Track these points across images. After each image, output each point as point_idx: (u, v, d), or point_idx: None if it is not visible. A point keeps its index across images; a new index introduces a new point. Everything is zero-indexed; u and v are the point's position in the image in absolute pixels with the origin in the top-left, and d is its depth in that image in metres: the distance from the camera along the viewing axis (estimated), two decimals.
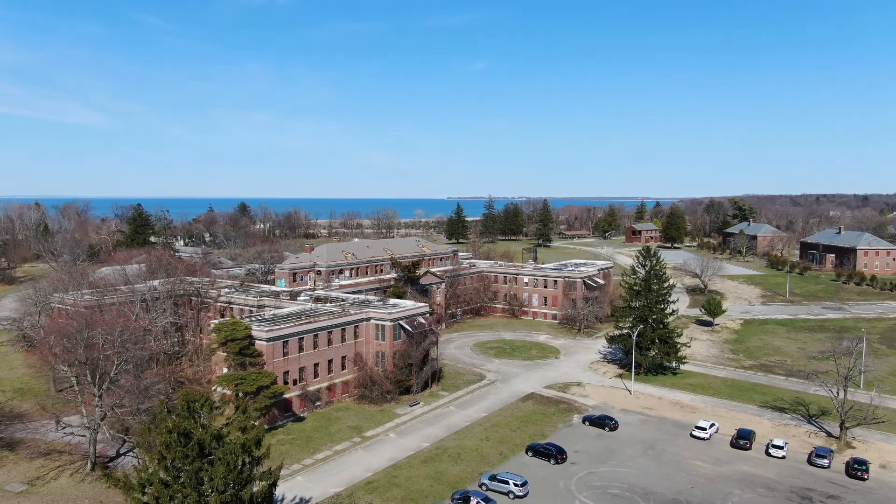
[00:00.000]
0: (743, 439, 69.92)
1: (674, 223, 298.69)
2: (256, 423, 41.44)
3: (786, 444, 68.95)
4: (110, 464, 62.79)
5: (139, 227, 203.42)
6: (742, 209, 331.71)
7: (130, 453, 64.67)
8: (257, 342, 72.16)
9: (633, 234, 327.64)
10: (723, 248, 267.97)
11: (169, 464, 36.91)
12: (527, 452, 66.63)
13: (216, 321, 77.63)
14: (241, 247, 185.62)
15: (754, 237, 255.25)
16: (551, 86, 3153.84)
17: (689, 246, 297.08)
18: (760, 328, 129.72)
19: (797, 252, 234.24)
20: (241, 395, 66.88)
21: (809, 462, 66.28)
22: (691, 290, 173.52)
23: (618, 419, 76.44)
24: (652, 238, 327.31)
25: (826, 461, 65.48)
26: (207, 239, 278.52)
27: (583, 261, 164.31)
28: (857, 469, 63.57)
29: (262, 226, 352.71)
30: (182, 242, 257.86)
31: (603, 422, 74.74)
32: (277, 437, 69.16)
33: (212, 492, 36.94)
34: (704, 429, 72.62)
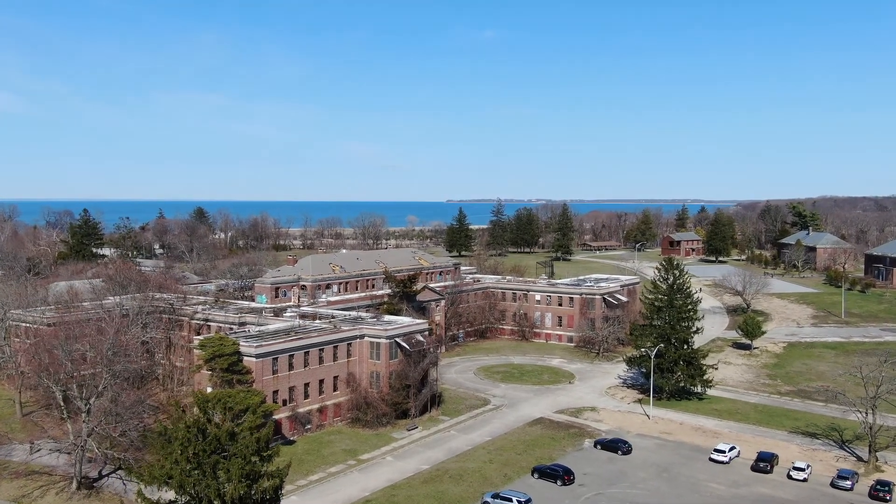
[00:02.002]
0: (763, 462, 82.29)
1: (719, 232, 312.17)
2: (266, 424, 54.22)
3: (808, 466, 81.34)
4: (95, 483, 75.24)
5: (85, 236, 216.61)
6: (802, 215, 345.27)
7: (114, 474, 77.06)
8: (245, 358, 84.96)
9: (671, 246, 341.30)
10: (776, 261, 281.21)
11: (190, 456, 49.53)
12: (532, 474, 79.06)
13: (199, 338, 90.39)
14: (208, 259, 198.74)
15: (813, 249, 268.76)
16: (576, 63, 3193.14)
17: (738, 259, 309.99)
18: (805, 352, 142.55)
19: (863, 266, 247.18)
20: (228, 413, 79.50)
21: (832, 485, 78.60)
22: (733, 310, 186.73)
23: (633, 444, 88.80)
24: (693, 250, 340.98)
25: (849, 483, 77.86)
26: (159, 251, 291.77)
27: (604, 276, 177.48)
28: (879, 491, 75.95)
29: (222, 235, 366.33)
30: (114, 255, 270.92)
31: (615, 445, 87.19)
32: None
33: (228, 483, 49.55)
34: (724, 452, 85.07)
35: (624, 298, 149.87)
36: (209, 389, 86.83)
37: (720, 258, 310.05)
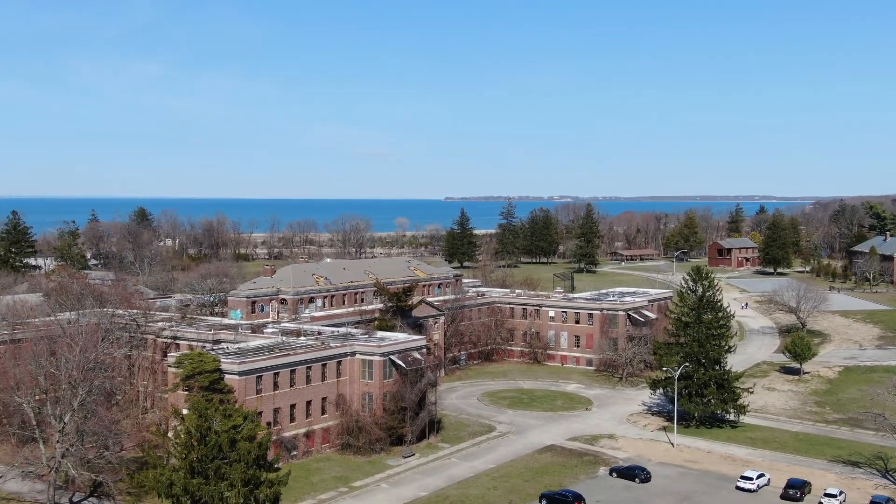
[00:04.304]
0: (793, 489, 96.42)
1: (777, 238, 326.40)
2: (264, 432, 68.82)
3: (841, 493, 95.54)
4: None
5: (14, 243, 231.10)
6: (881, 217, 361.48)
7: (87, 500, 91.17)
8: (227, 376, 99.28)
9: (720, 255, 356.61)
10: (846, 273, 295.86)
11: (194, 461, 63.95)
12: (540, 501, 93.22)
13: (174, 355, 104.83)
14: (163, 271, 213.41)
15: (890, 258, 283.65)
16: (609, 23, 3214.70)
17: (801, 271, 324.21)
18: (863, 377, 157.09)
19: None
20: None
21: None
22: (786, 331, 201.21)
23: (652, 472, 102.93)
24: (747, 260, 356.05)
25: None
26: (93, 262, 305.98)
27: (630, 289, 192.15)
28: None
29: (169, 241, 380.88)
30: (51, 265, 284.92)
31: (633, 473, 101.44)
32: None
33: (230, 489, 63.95)
34: (751, 479, 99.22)
35: (652, 315, 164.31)
36: (185, 412, 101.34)
37: (779, 269, 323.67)
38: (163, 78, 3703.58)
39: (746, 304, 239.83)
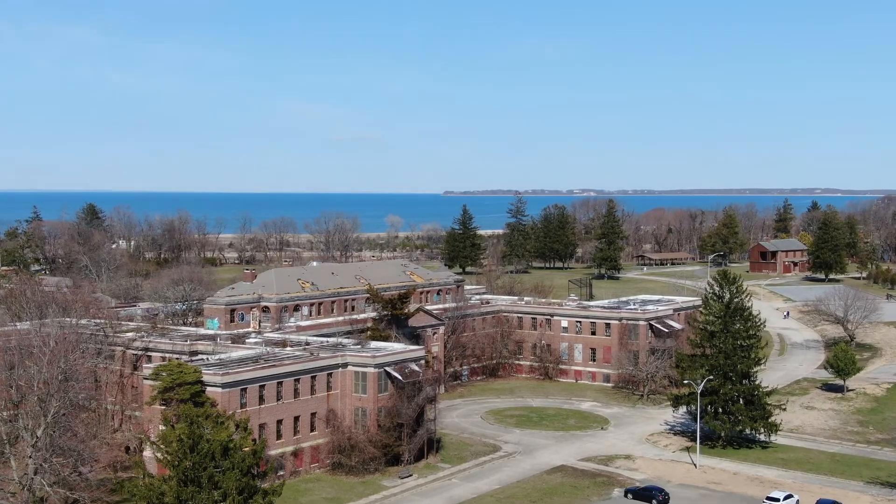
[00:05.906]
0: None
1: (829, 239, 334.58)
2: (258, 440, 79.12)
3: None
4: None
5: None
6: None
7: None
8: (209, 389, 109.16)
9: (763, 258, 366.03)
10: None
11: (188, 466, 73.91)
12: None
13: (151, 366, 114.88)
14: (125, 276, 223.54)
15: None
16: None
17: (856, 277, 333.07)
18: None
19: None
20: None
21: None
22: (833, 344, 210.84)
23: (672, 494, 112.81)
24: (795, 264, 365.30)
25: None
26: (36, 268, 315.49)
27: (654, 297, 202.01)
28: None
29: (123, 243, 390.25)
30: None
31: (649, 494, 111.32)
32: None
33: (226, 497, 73.96)
34: (778, 500, 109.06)
35: (677, 325, 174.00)
36: (161, 428, 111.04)
37: (831, 275, 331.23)
38: (103, 47, 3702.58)
39: (788, 314, 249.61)
